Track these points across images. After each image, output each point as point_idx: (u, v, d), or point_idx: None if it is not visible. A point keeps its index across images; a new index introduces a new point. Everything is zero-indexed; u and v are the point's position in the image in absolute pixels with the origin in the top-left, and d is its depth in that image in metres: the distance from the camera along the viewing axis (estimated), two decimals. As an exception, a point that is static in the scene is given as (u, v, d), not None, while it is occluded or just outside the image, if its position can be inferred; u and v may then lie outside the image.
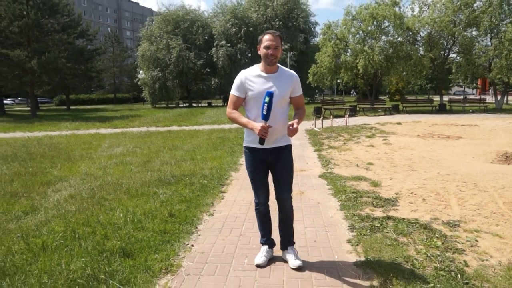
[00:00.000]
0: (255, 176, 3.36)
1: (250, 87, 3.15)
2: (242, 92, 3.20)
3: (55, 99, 55.07)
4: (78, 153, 9.67)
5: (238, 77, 3.22)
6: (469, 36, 26.80)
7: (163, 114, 26.46)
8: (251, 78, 3.17)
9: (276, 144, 3.23)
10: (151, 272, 3.19)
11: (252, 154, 3.29)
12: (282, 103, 3.18)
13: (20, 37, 25.53)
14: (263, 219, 3.51)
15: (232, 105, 3.25)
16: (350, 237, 4.02)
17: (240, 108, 3.27)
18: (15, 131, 16.71)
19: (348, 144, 11.07)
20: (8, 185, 6.20)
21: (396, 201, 5.33)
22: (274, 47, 3.08)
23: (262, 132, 2.98)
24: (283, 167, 3.29)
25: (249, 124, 3.11)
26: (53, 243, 3.69)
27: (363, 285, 3.05)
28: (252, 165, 3.32)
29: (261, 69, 3.21)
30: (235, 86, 3.23)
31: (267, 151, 3.23)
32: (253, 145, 3.24)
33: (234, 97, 3.24)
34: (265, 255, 3.45)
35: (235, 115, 3.22)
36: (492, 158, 8.69)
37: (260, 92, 3.06)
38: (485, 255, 3.60)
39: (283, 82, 3.17)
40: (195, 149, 9.98)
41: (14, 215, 4.65)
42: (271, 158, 3.26)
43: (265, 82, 3.13)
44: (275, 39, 3.10)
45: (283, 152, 3.28)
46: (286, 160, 3.30)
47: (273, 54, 3.09)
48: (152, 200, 5.19)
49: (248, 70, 3.24)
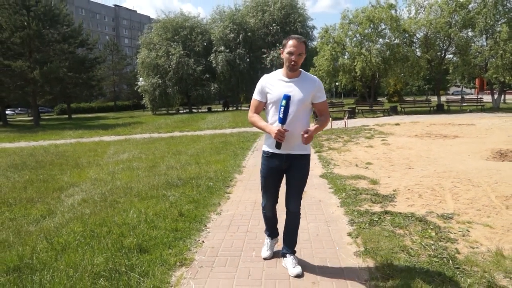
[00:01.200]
0: (266, 182, 3.36)
1: (270, 91, 3.14)
2: (263, 96, 3.21)
3: (56, 108, 55.41)
4: (85, 160, 9.95)
5: (260, 82, 3.23)
6: (464, 37, 27.11)
7: (164, 121, 26.77)
8: (272, 82, 3.16)
9: (293, 151, 3.17)
10: (167, 265, 3.47)
11: (268, 160, 3.27)
12: (303, 108, 3.12)
13: (21, 47, 25.88)
14: (269, 220, 3.62)
15: (253, 109, 3.27)
16: (350, 231, 4.30)
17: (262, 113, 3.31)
18: (19, 140, 16.98)
19: (348, 145, 11.35)
20: (23, 192, 6.47)
21: (393, 197, 5.60)
22: (298, 54, 3.03)
23: (278, 136, 2.95)
24: (296, 176, 3.25)
25: (267, 128, 3.10)
26: (74, 242, 3.97)
27: (363, 272, 3.33)
28: (266, 172, 3.31)
29: (283, 73, 3.17)
30: (256, 90, 3.24)
31: (282, 157, 3.19)
32: (270, 149, 3.22)
33: (255, 101, 3.26)
34: (269, 247, 3.63)
35: (255, 118, 3.24)
36: (487, 156, 8.96)
37: (279, 96, 3.01)
38: (476, 244, 3.87)
39: (304, 87, 3.11)
40: (198, 153, 10.26)
41: (33, 219, 4.93)
42: (285, 165, 3.22)
43: (286, 86, 3.09)
44: (299, 45, 3.03)
45: (299, 161, 3.22)
46: (301, 170, 3.25)
47: (295, 61, 3.03)
48: (162, 202, 5.46)
49: (270, 75, 3.23)
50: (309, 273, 3.32)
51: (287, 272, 3.33)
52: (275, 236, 3.74)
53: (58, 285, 3.05)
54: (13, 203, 5.77)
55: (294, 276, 3.26)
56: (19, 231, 4.44)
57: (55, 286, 3.04)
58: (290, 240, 3.48)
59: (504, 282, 3.06)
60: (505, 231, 4.22)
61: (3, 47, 25.39)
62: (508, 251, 3.64)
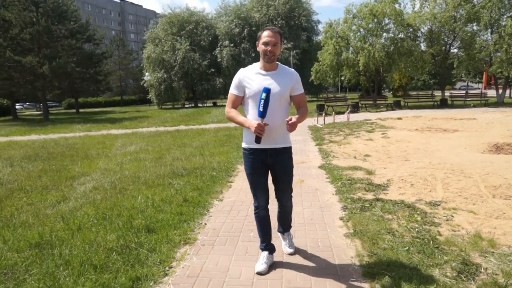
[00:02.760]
0: (254, 178, 3.26)
1: (248, 85, 3.08)
2: (240, 90, 3.14)
3: (63, 102, 56.06)
4: (94, 152, 10.34)
5: (237, 75, 3.16)
6: (469, 31, 27.18)
7: (170, 115, 27.17)
8: (249, 76, 3.10)
9: (275, 145, 3.14)
10: (172, 243, 3.82)
11: (251, 156, 3.19)
12: (282, 101, 3.09)
13: (31, 43, 26.37)
14: (263, 223, 3.42)
15: (230, 104, 3.19)
16: (342, 215, 4.63)
17: (240, 109, 3.23)
18: (30, 134, 17.44)
19: (348, 138, 11.65)
20: (38, 180, 6.88)
21: (386, 186, 5.91)
22: (273, 44, 2.98)
23: (258, 130, 2.89)
24: (282, 171, 3.24)
25: (246, 122, 3.03)
26: (88, 222, 4.35)
27: (350, 250, 3.66)
28: (251, 167, 3.22)
29: (260, 66, 3.12)
30: (233, 84, 3.16)
31: (266, 152, 3.14)
32: (251, 145, 3.15)
33: (232, 96, 3.18)
34: (265, 261, 3.36)
35: (232, 114, 3.15)
36: (483, 149, 9.22)
37: (258, 90, 2.97)
38: (458, 227, 4.18)
39: (282, 80, 3.08)
40: (203, 145, 10.61)
41: (49, 203, 5.32)
42: (270, 160, 3.17)
43: (264, 80, 3.05)
44: (274, 35, 2.99)
45: (283, 155, 3.20)
46: (286, 164, 3.24)
47: (271, 51, 2.99)
48: (168, 189, 5.83)
49: (246, 69, 3.17)
50: (301, 251, 3.65)
51: (280, 249, 3.66)
52: (272, 250, 3.50)
53: (76, 257, 3.42)
54: (30, 190, 6.18)
55: (288, 254, 3.55)
56: (37, 214, 4.83)
57: (73, 258, 3.41)
58: (286, 224, 3.62)
59: (478, 260, 3.37)
60: (487, 217, 4.52)
61: (13, 43, 25.93)
62: (486, 234, 3.95)
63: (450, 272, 3.13)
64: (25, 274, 3.20)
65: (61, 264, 3.34)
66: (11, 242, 3.89)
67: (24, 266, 3.35)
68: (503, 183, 5.89)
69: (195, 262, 3.49)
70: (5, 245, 3.84)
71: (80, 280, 3.06)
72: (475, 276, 3.08)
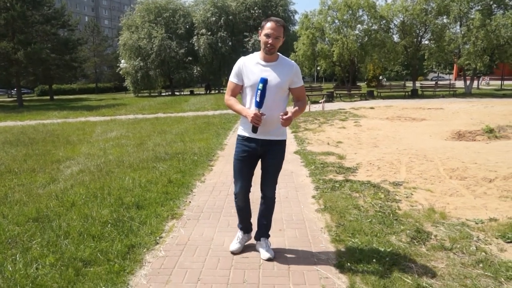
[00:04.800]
0: (240, 165, 3.26)
1: (247, 74, 3.08)
2: (240, 79, 3.13)
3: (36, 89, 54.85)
4: (75, 138, 10.54)
5: (237, 63, 3.14)
6: (440, 23, 28.08)
7: (148, 103, 27.20)
8: (249, 65, 3.09)
9: (269, 137, 3.13)
10: (160, 217, 4.22)
11: (243, 143, 3.21)
12: (280, 93, 3.08)
13: (5, 29, 25.87)
14: (242, 210, 3.49)
15: (230, 92, 3.20)
16: (314, 194, 5.11)
17: (238, 97, 3.26)
18: (6, 120, 17.31)
19: (322, 126, 12.19)
20: (24, 164, 7.11)
21: (356, 169, 6.44)
22: (275, 37, 2.96)
23: (255, 120, 2.89)
24: (272, 162, 3.23)
25: (244, 111, 3.04)
26: (80, 200, 4.70)
27: (320, 222, 4.14)
28: (241, 154, 3.22)
29: (260, 57, 3.10)
30: (233, 73, 3.15)
31: (258, 142, 3.14)
32: (246, 133, 3.17)
33: (232, 84, 3.18)
34: (239, 241, 3.48)
35: (231, 101, 3.17)
36: (446, 136, 9.90)
37: (256, 81, 2.97)
38: (415, 203, 4.72)
39: (282, 71, 3.06)
40: (183, 132, 10.94)
41: (39, 184, 5.61)
42: (261, 150, 3.17)
43: (263, 71, 3.03)
44: (278, 28, 2.96)
45: (275, 147, 3.19)
46: (277, 155, 3.22)
47: (272, 44, 2.96)
48: (153, 172, 6.19)
49: (247, 57, 3.16)
50: (277, 223, 4.10)
51: (259, 222, 4.10)
52: (248, 231, 3.61)
53: (74, 229, 3.79)
54: (18, 172, 6.44)
55: (265, 259, 3.31)
56: (29, 193, 5.13)
57: (71, 229, 3.77)
58: (265, 224, 3.49)
59: (430, 229, 3.89)
60: (442, 194, 5.09)
61: (-14, 29, 25.40)
62: (439, 208, 4.49)
63: (405, 238, 3.64)
64: (29, 243, 3.55)
65: (61, 234, 3.69)
66: (10, 217, 4.21)
67: (27, 236, 3.69)
68: (460, 166, 6.49)
69: (182, 233, 3.90)
70: (5, 219, 4.16)
71: (80, 247, 3.42)
72: (426, 241, 3.60)
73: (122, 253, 3.33)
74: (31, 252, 3.37)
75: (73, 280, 2.90)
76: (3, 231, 3.82)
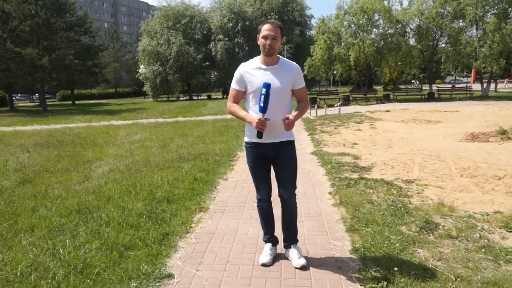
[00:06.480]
0: (256, 171, 3.27)
1: (249, 80, 3.05)
2: (242, 85, 3.11)
3: (58, 94, 56.37)
4: (101, 140, 11.07)
5: (238, 70, 3.12)
6: (456, 27, 28.12)
7: (167, 107, 27.86)
8: (250, 71, 3.07)
9: (276, 139, 3.11)
10: (189, 210, 4.62)
11: (252, 149, 3.20)
12: (283, 96, 3.05)
13: (30, 35, 26.94)
14: (266, 216, 3.48)
15: (232, 99, 3.17)
16: (330, 191, 5.46)
17: (241, 103, 3.24)
18: (32, 124, 18.06)
19: (338, 129, 12.50)
20: (58, 164, 7.62)
21: (370, 169, 6.75)
22: (272, 38, 2.94)
23: (259, 125, 2.87)
24: (285, 162, 3.18)
25: (248, 117, 3.01)
26: (116, 195, 5.14)
27: (336, 214, 4.48)
28: (253, 160, 3.23)
29: (261, 61, 3.08)
30: (234, 79, 3.14)
31: (267, 146, 3.12)
32: (252, 139, 3.14)
33: (234, 90, 3.15)
34: (269, 253, 3.38)
35: (234, 108, 3.15)
36: (460, 137, 10.10)
37: (259, 85, 2.93)
38: (426, 198, 5.02)
39: (284, 74, 3.04)
40: (203, 135, 11.39)
41: (75, 182, 6.09)
42: (271, 153, 3.15)
43: (264, 74, 3.02)
44: (274, 29, 2.95)
45: (285, 147, 3.16)
46: (288, 155, 3.18)
47: (270, 45, 2.94)
48: (178, 171, 6.62)
49: (247, 63, 3.13)
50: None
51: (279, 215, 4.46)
52: (275, 242, 3.55)
53: (113, 219, 4.21)
54: (54, 171, 6.93)
55: (299, 268, 3.23)
56: (68, 189, 5.61)
57: (111, 220, 4.20)
58: (291, 231, 3.46)
59: (438, 220, 4.19)
60: (452, 191, 5.37)
61: (12, 35, 26.46)
62: (448, 202, 4.79)
63: (415, 228, 3.96)
64: (75, 231, 3.98)
65: (102, 223, 4.13)
66: (54, 209, 4.66)
67: (72, 225, 4.13)
68: (472, 165, 6.75)
69: (210, 224, 4.29)
70: (49, 211, 4.61)
71: (121, 235, 3.84)
72: (434, 231, 3.91)
73: (158, 239, 3.73)
74: (78, 238, 3.80)
75: (118, 261, 3.31)
76: (50, 221, 4.26)
